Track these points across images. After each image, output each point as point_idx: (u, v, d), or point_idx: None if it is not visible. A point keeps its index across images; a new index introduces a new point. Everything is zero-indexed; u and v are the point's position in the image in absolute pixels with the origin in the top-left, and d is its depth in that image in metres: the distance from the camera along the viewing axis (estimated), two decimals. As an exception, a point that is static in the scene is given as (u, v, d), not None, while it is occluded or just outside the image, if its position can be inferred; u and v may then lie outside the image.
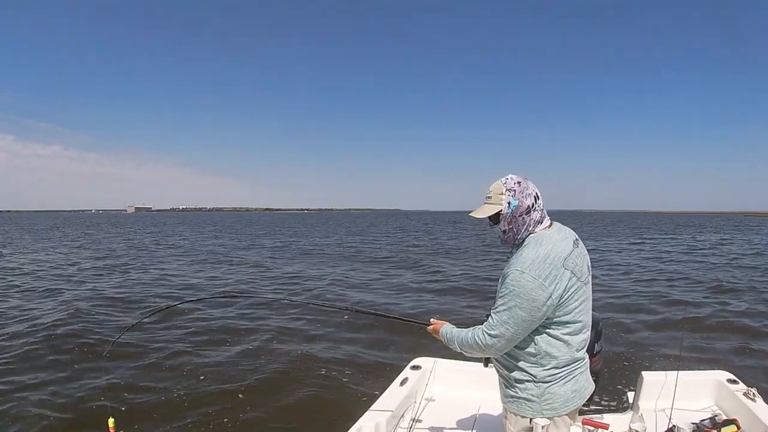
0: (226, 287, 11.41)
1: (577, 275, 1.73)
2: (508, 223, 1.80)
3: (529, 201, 1.77)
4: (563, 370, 1.77)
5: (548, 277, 1.66)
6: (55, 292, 10.25)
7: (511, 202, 1.77)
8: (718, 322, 7.72)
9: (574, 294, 1.72)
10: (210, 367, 5.50)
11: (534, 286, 1.65)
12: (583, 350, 1.83)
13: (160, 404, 4.48)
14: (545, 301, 1.66)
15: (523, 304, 1.66)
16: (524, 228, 1.79)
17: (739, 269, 14.66)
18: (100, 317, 7.81)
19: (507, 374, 1.87)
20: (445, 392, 3.22)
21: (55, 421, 4.12)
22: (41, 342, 6.30)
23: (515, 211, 1.77)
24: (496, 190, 1.81)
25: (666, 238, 30.80)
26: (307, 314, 8.03)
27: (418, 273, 13.75)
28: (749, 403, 2.71)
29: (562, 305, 1.70)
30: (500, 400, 1.98)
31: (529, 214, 1.77)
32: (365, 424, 2.53)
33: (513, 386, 1.84)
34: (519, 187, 1.78)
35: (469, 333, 1.86)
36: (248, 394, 4.74)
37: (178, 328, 7.12)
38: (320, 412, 4.37)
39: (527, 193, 1.78)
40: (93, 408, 4.33)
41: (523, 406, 1.82)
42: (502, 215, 1.79)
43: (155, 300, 9.46)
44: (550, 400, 1.78)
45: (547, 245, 1.72)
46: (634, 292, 10.43)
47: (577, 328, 1.76)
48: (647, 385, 2.97)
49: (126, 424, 3.91)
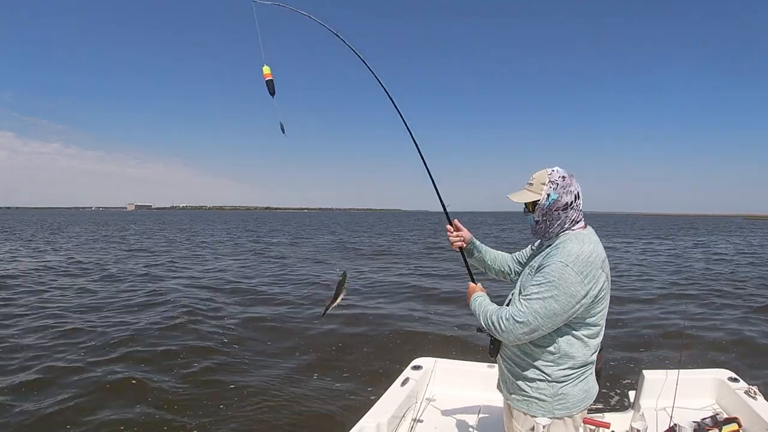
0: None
1: (608, 279, 1.73)
2: (543, 215, 1.77)
3: (568, 198, 1.75)
4: (578, 371, 1.75)
5: (588, 275, 1.63)
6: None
7: (551, 194, 1.74)
8: (718, 321, 7.73)
9: (604, 297, 1.71)
10: (209, 368, 5.50)
11: (575, 281, 1.61)
12: (596, 353, 1.82)
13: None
14: (581, 299, 1.63)
15: (560, 297, 1.61)
16: (557, 223, 1.76)
17: (739, 269, 14.67)
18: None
19: (519, 372, 1.82)
20: (446, 392, 3.22)
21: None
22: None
23: (552, 205, 1.74)
24: (539, 179, 1.77)
25: (665, 238, 30.81)
26: (308, 313, 8.04)
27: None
28: (750, 402, 2.71)
29: (592, 306, 1.68)
30: (504, 398, 1.94)
31: (566, 211, 1.75)
32: (366, 425, 2.52)
33: (524, 385, 1.80)
34: (563, 182, 1.75)
35: (495, 311, 1.78)
36: (247, 395, 4.74)
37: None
38: (321, 413, 4.35)
39: (569, 189, 1.75)
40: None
41: (533, 405, 1.78)
42: (539, 205, 1.77)
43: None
44: (563, 401, 1.75)
45: (590, 244, 1.70)
46: (635, 290, 10.44)
47: (597, 331, 1.75)
48: (648, 383, 2.96)
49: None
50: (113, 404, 4.45)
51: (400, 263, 16.40)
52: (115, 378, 5.00)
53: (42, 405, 4.36)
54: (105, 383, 4.89)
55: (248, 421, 4.21)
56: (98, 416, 4.21)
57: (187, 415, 4.27)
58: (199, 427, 4.07)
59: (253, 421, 4.23)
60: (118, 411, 4.31)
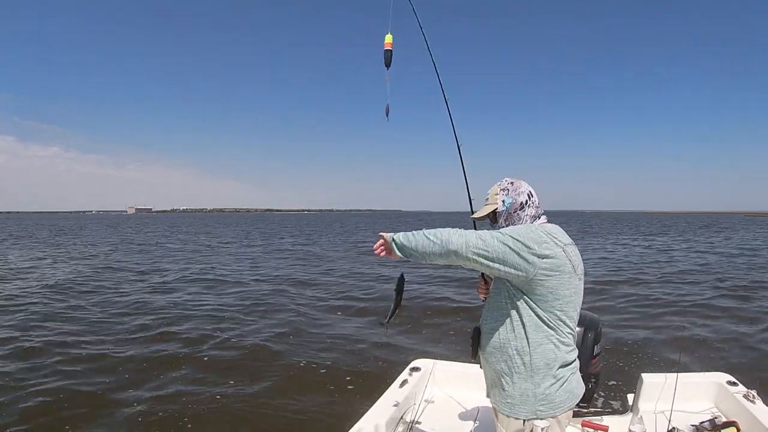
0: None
1: (572, 262, 1.74)
2: (505, 220, 1.91)
3: (522, 198, 1.89)
4: (560, 371, 1.76)
5: (544, 243, 1.70)
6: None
7: (505, 200, 1.91)
8: (718, 323, 7.72)
9: (567, 279, 1.72)
10: (197, 368, 5.50)
11: (533, 237, 1.70)
12: (575, 351, 1.82)
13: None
14: (537, 256, 1.67)
15: (518, 244, 1.67)
16: (520, 223, 1.86)
17: (739, 269, 14.66)
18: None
19: (500, 372, 1.83)
20: (444, 394, 3.21)
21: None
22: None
23: (510, 208, 1.90)
24: (492, 191, 1.97)
25: (664, 238, 30.80)
26: (308, 313, 8.04)
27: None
28: (749, 405, 2.71)
29: (552, 283, 1.69)
30: (490, 402, 1.96)
31: (524, 210, 1.88)
32: (364, 426, 2.52)
33: (506, 386, 1.82)
34: (512, 186, 1.93)
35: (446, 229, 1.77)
36: (245, 395, 4.74)
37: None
38: (319, 414, 4.35)
39: (520, 191, 1.91)
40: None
41: (516, 407, 1.79)
42: (498, 213, 1.93)
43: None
44: (546, 401, 1.76)
45: (546, 229, 1.79)
46: (633, 293, 10.42)
47: (569, 322, 1.77)
48: (647, 386, 2.96)
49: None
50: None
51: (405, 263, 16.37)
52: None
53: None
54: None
55: (246, 422, 4.21)
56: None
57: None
58: (194, 419, 4.08)
59: (251, 422, 4.23)
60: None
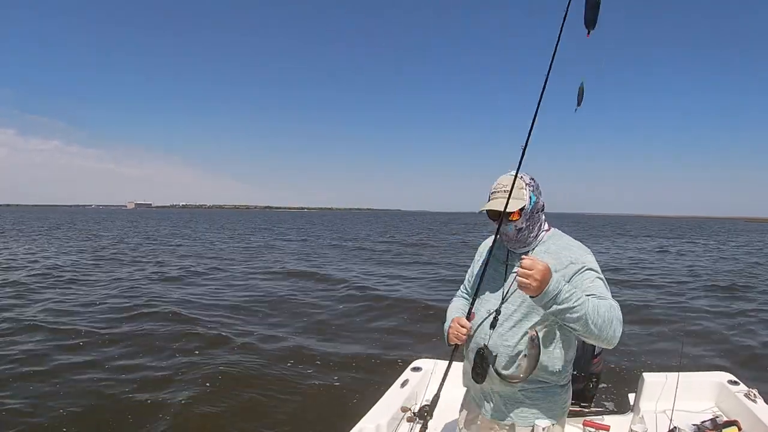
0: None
1: None
2: (527, 220, 1.64)
3: (543, 198, 1.70)
4: (572, 372, 1.77)
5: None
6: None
7: (531, 197, 1.64)
8: (718, 323, 7.72)
9: None
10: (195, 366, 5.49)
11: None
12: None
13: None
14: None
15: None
16: (537, 226, 1.67)
17: (740, 269, 14.65)
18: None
19: (529, 389, 1.68)
20: (446, 394, 3.21)
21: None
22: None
23: (534, 207, 1.65)
24: (517, 184, 1.62)
25: (663, 239, 30.78)
26: (308, 313, 8.03)
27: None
28: (750, 405, 2.70)
29: None
30: (490, 416, 1.81)
31: (542, 212, 1.70)
32: (365, 426, 2.52)
33: (537, 395, 1.68)
34: (534, 183, 1.69)
35: (609, 302, 1.48)
36: (245, 394, 4.74)
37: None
38: (320, 414, 4.35)
39: (540, 190, 1.70)
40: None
41: (542, 414, 1.68)
42: (524, 210, 1.63)
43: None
44: (564, 404, 1.75)
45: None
46: (634, 293, 10.42)
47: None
48: (648, 386, 2.96)
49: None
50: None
51: (414, 265, 16.39)
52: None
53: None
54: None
55: (246, 422, 4.21)
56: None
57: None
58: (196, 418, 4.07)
59: (250, 422, 4.23)
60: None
